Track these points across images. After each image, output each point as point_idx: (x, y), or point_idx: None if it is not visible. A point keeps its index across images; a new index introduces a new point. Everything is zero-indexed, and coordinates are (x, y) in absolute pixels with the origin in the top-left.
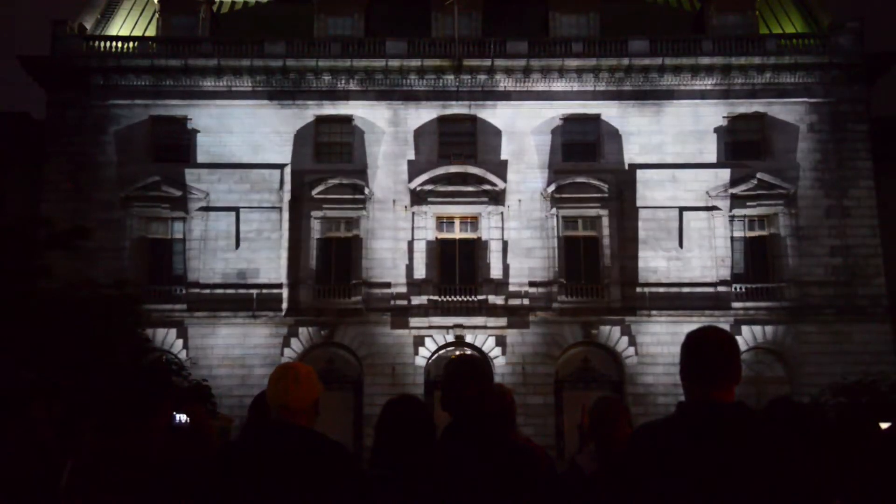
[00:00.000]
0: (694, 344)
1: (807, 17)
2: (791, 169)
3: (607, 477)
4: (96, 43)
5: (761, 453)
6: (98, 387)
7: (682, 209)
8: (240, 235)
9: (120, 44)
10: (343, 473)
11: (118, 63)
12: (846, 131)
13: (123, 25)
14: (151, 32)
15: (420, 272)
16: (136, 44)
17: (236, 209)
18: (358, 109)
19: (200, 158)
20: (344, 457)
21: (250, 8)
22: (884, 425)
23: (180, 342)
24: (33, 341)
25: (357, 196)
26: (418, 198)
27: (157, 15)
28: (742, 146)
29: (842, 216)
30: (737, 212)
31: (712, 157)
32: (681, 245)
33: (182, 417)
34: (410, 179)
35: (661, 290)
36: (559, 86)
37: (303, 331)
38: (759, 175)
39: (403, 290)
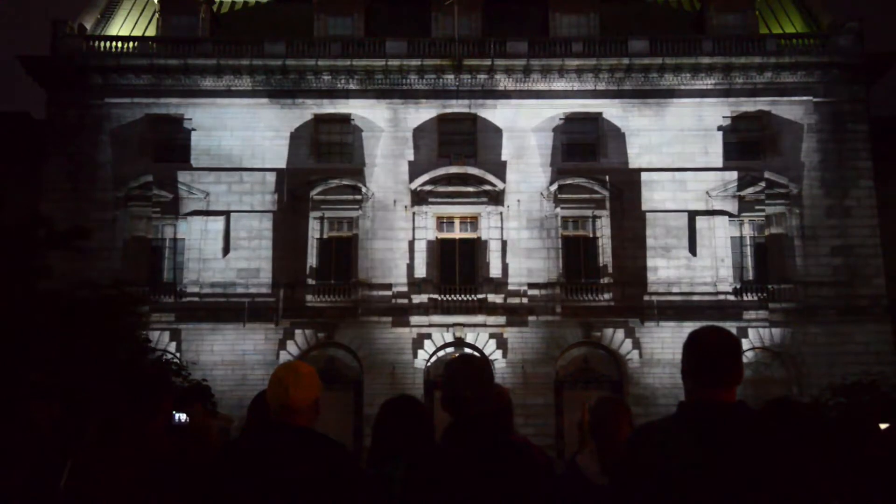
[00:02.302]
0: (696, 344)
1: (807, 17)
2: (793, 169)
3: (607, 477)
4: (96, 43)
5: (761, 453)
6: (98, 387)
7: (688, 212)
8: (236, 235)
9: (120, 43)
10: (343, 473)
11: (118, 63)
12: (846, 131)
13: (123, 25)
14: (151, 32)
15: (420, 271)
16: (135, 44)
17: (234, 210)
18: (357, 109)
19: (199, 158)
20: (344, 457)
21: (250, 8)
22: (883, 426)
23: (174, 345)
24: (33, 341)
25: (356, 196)
26: (418, 198)
27: (157, 15)
28: (742, 146)
29: (842, 216)
30: (740, 212)
31: (713, 157)
32: (692, 251)
33: (182, 417)
34: (411, 180)
35: (668, 297)
36: (559, 85)
37: (299, 332)
38: (760, 175)
39: (403, 289)
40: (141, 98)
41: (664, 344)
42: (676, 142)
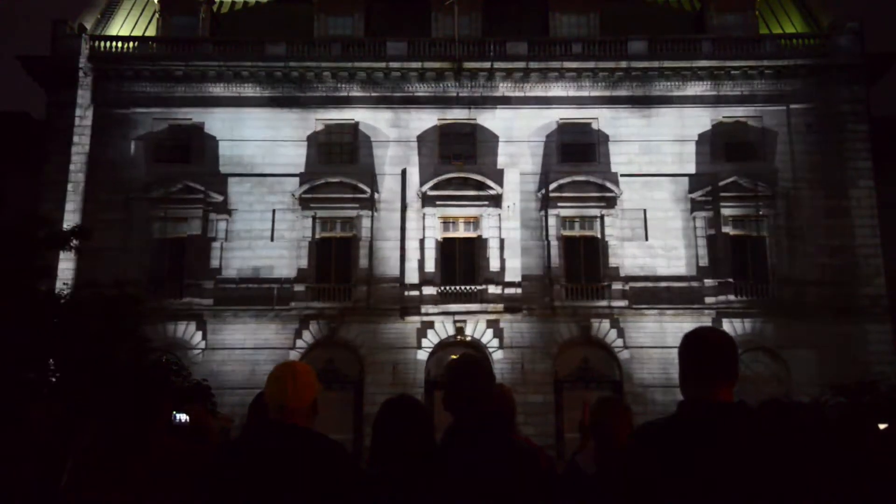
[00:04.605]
0: (694, 344)
1: (807, 17)
2: (790, 169)
3: (608, 477)
4: (96, 43)
5: (762, 453)
6: (98, 387)
7: (683, 213)
8: (251, 235)
9: (120, 44)
10: (342, 473)
11: (119, 64)
12: (846, 131)
13: (124, 25)
14: (152, 32)
15: (428, 267)
16: (136, 44)
17: (242, 211)
18: (361, 113)
19: (204, 160)
20: (343, 457)
21: (250, 8)
22: (882, 426)
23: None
24: (33, 341)
25: (362, 196)
26: (424, 200)
27: (157, 15)
28: (740, 147)
29: (841, 216)
30: (734, 212)
31: (708, 159)
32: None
33: (182, 417)
34: (421, 184)
35: (648, 283)
36: (557, 90)
37: (313, 325)
38: (757, 176)
39: (408, 286)
40: (144, 98)
41: (654, 340)
42: (672, 143)
